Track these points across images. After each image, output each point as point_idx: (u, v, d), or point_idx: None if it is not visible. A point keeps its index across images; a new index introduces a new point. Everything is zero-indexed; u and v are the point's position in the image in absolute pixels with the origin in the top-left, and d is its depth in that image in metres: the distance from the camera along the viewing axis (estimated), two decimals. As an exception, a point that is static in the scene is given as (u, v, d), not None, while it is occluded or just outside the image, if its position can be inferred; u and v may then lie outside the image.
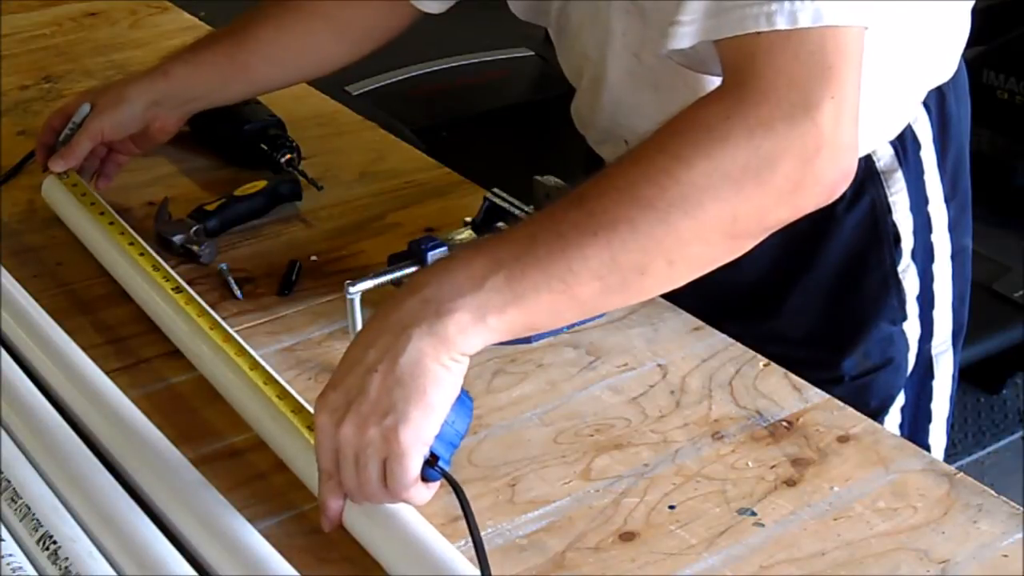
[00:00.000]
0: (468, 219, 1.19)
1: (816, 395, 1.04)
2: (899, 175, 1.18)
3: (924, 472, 0.96)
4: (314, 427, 0.88)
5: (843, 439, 0.99)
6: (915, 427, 1.28)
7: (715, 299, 1.12)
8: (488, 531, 0.91)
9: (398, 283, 1.10)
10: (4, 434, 0.97)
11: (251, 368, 1.01)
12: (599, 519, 0.92)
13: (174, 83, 1.32)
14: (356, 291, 1.07)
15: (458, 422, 0.88)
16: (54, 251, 1.27)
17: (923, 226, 1.21)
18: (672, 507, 0.93)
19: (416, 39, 1.37)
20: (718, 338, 1.12)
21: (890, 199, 1.18)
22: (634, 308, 1.14)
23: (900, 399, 1.25)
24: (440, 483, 0.88)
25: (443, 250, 1.11)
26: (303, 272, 1.23)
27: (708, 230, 0.89)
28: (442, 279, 0.88)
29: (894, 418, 1.26)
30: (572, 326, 1.11)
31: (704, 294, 1.03)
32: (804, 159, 0.88)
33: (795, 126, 0.88)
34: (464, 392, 0.89)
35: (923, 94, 1.19)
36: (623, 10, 1.11)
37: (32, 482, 0.92)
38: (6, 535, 0.87)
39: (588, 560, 0.89)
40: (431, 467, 0.86)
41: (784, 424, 1.01)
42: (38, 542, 0.86)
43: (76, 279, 1.23)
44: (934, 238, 1.22)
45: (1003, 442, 2.54)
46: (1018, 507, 0.92)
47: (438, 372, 0.85)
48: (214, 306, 1.13)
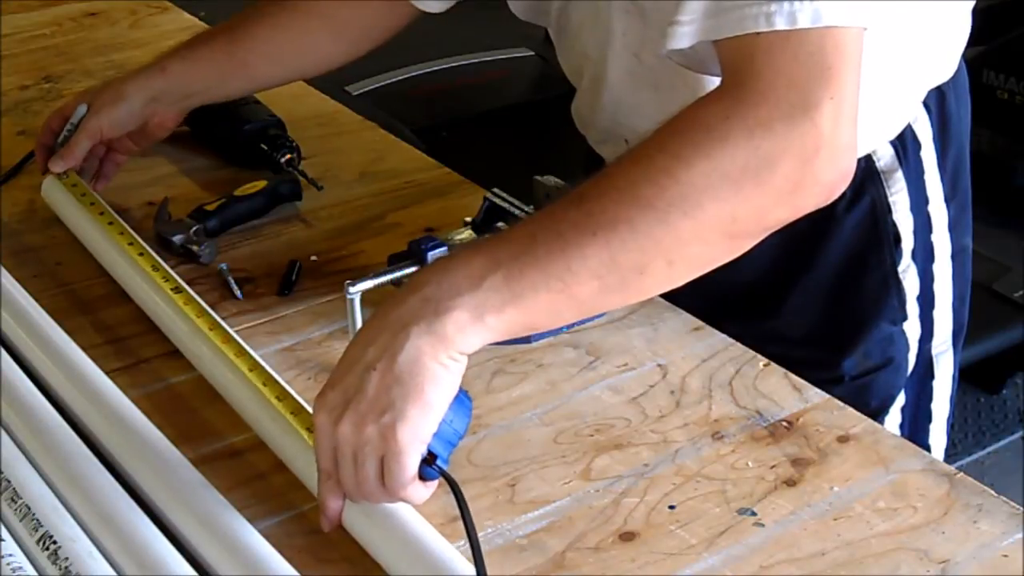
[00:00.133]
0: (468, 219, 1.19)
1: (816, 395, 1.04)
2: (899, 175, 1.18)
3: (924, 472, 0.96)
4: (313, 426, 0.88)
5: (843, 439, 0.99)
6: (915, 427, 1.28)
7: (715, 299, 1.12)
8: (488, 531, 0.91)
9: (398, 283, 1.10)
10: (4, 434, 0.97)
11: (250, 369, 1.01)
12: (599, 519, 0.92)
13: (172, 79, 1.32)
14: (356, 291, 1.07)
15: (456, 421, 0.88)
16: (54, 251, 1.27)
17: (923, 226, 1.21)
18: (672, 507, 0.93)
19: (416, 39, 1.37)
20: (718, 338, 1.11)
21: (890, 199, 1.18)
22: (634, 308, 1.14)
23: (900, 399, 1.25)
24: (439, 482, 0.88)
25: (443, 250, 1.11)
26: (303, 272, 1.23)
27: (707, 230, 0.89)
28: (441, 278, 0.88)
29: (894, 418, 1.26)
30: (572, 326, 1.11)
31: (704, 294, 1.03)
32: (803, 159, 0.88)
33: (794, 126, 0.88)
34: (463, 392, 0.88)
35: (923, 94, 1.18)
36: (623, 10, 1.11)
37: (32, 482, 0.92)
38: (6, 535, 0.87)
39: (588, 560, 0.89)
40: (429, 466, 0.86)
41: (784, 424, 1.01)
42: (38, 542, 0.86)
43: (76, 279, 1.23)
44: (934, 238, 1.22)
45: (1003, 442, 2.54)
46: (1018, 507, 0.92)
47: (436, 371, 0.85)
48: (214, 306, 1.13)
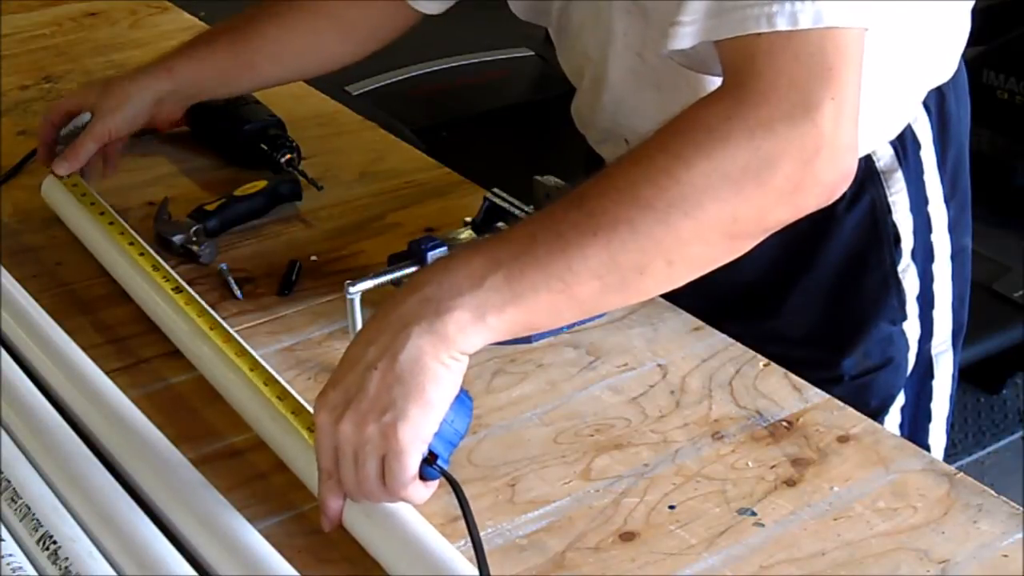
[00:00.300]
0: (468, 219, 1.19)
1: (816, 395, 1.04)
2: (899, 175, 1.18)
3: (924, 472, 0.96)
4: (314, 426, 0.88)
5: (843, 439, 0.99)
6: (915, 427, 1.28)
7: (715, 299, 1.12)
8: (488, 531, 0.91)
9: (398, 283, 1.10)
10: (4, 434, 0.97)
11: (251, 369, 1.01)
12: (599, 519, 0.92)
13: (178, 80, 1.33)
14: (356, 291, 1.07)
15: (457, 421, 0.88)
16: (54, 251, 1.27)
17: (923, 226, 1.21)
18: (672, 507, 0.93)
19: (416, 39, 1.37)
20: (718, 338, 1.11)
21: (890, 199, 1.18)
22: (634, 308, 1.14)
23: (900, 399, 1.25)
24: (439, 482, 0.88)
25: (443, 250, 1.11)
26: (303, 272, 1.22)
27: (708, 230, 0.89)
28: (442, 278, 0.88)
29: (894, 418, 1.26)
30: (572, 326, 1.11)
31: (704, 294, 1.03)
32: (804, 160, 0.88)
33: (795, 127, 0.87)
34: (464, 392, 0.88)
35: (923, 94, 1.18)
36: (625, 10, 1.11)
37: (32, 482, 0.92)
38: (6, 535, 0.87)
39: (588, 560, 0.89)
40: (430, 465, 0.86)
41: (784, 424, 1.01)
42: (38, 542, 0.86)
43: (76, 279, 1.23)
44: (934, 238, 1.22)
45: (1003, 442, 2.54)
46: (1018, 507, 0.92)
47: (437, 370, 0.85)
48: (214, 306, 1.13)
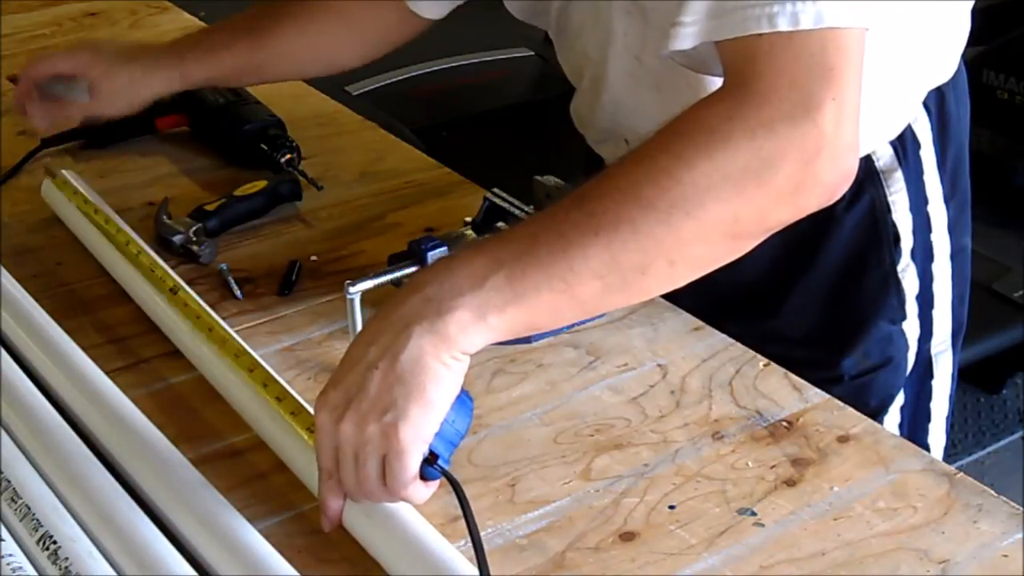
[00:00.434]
0: (468, 219, 1.19)
1: (816, 395, 1.04)
2: (898, 175, 1.18)
3: (924, 472, 0.96)
4: (314, 426, 0.88)
5: (843, 439, 0.99)
6: (914, 427, 1.28)
7: (715, 299, 1.12)
8: (488, 531, 0.91)
9: (398, 283, 1.10)
10: (4, 434, 0.97)
11: (250, 369, 1.01)
12: (599, 519, 0.92)
13: (189, 81, 1.34)
14: (356, 291, 1.07)
15: (458, 421, 0.88)
16: (54, 251, 1.27)
17: (922, 226, 1.21)
18: (672, 507, 0.93)
19: (416, 39, 1.37)
20: (718, 338, 1.11)
21: (889, 199, 1.18)
22: (634, 308, 1.14)
23: (899, 398, 1.25)
24: (439, 482, 0.88)
25: (443, 250, 1.11)
26: (303, 272, 1.22)
27: (709, 231, 0.89)
28: (443, 278, 0.88)
29: (893, 417, 1.26)
30: (572, 326, 1.11)
31: (704, 294, 1.03)
32: (805, 160, 0.88)
33: (796, 127, 0.88)
34: (464, 392, 0.88)
35: (923, 94, 1.18)
36: (624, 11, 1.11)
37: (32, 482, 0.92)
38: (6, 535, 0.87)
39: (588, 560, 0.89)
40: (430, 465, 0.86)
41: (784, 424, 1.01)
42: (38, 542, 0.86)
43: (76, 279, 1.23)
44: (933, 238, 1.22)
45: (1003, 442, 2.54)
46: (1018, 507, 0.92)
47: (438, 370, 0.85)
48: (214, 306, 1.13)
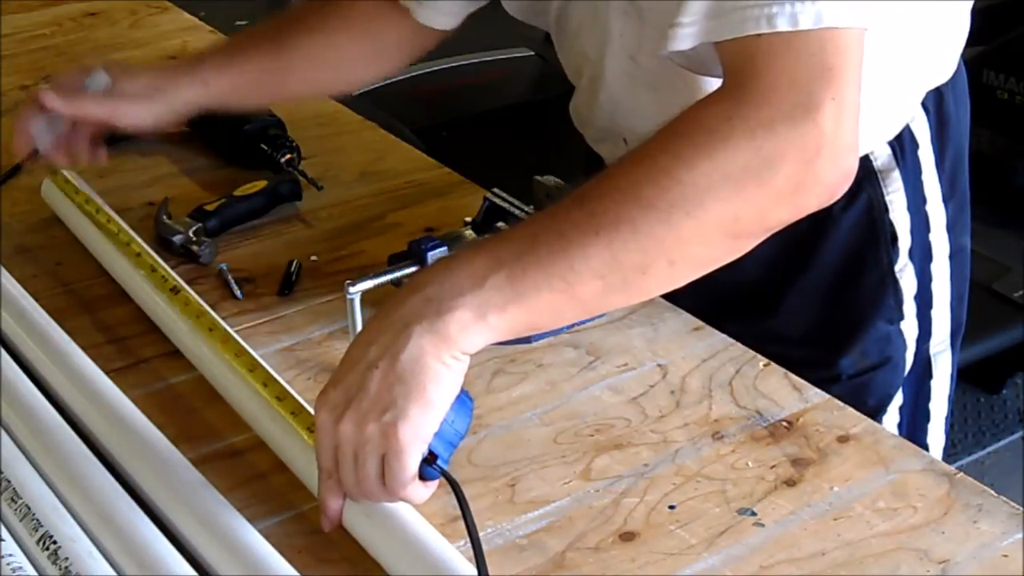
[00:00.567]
0: (468, 219, 1.19)
1: (816, 395, 1.04)
2: (896, 174, 1.18)
3: (924, 472, 0.96)
4: (314, 425, 0.88)
5: (843, 439, 0.99)
6: (914, 426, 1.28)
7: (713, 298, 1.12)
8: (488, 531, 0.91)
9: (398, 283, 1.10)
10: (4, 434, 0.97)
11: (250, 369, 1.01)
12: (599, 519, 0.92)
13: (210, 87, 1.29)
14: (356, 291, 1.07)
15: (458, 422, 0.88)
16: (54, 251, 1.27)
17: (921, 225, 1.21)
18: (672, 507, 0.93)
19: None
20: (718, 338, 1.11)
21: (887, 198, 1.18)
22: (634, 308, 1.14)
23: (899, 398, 1.25)
24: (439, 483, 0.88)
25: (443, 250, 1.11)
26: (303, 272, 1.23)
27: (709, 230, 0.89)
28: (443, 278, 0.88)
29: (892, 417, 1.26)
30: (572, 326, 1.11)
31: (703, 293, 1.03)
32: (805, 160, 0.88)
33: (796, 127, 0.88)
34: (464, 392, 0.88)
35: (922, 94, 1.18)
36: (621, 11, 1.11)
37: (32, 482, 0.92)
38: (6, 535, 0.87)
39: (588, 560, 0.89)
40: (430, 465, 0.86)
41: (784, 424, 1.01)
42: (38, 542, 0.86)
43: (76, 279, 1.23)
44: (932, 237, 1.22)
45: (1003, 442, 2.54)
46: (1018, 507, 0.92)
47: (439, 370, 0.85)
48: (214, 306, 1.13)
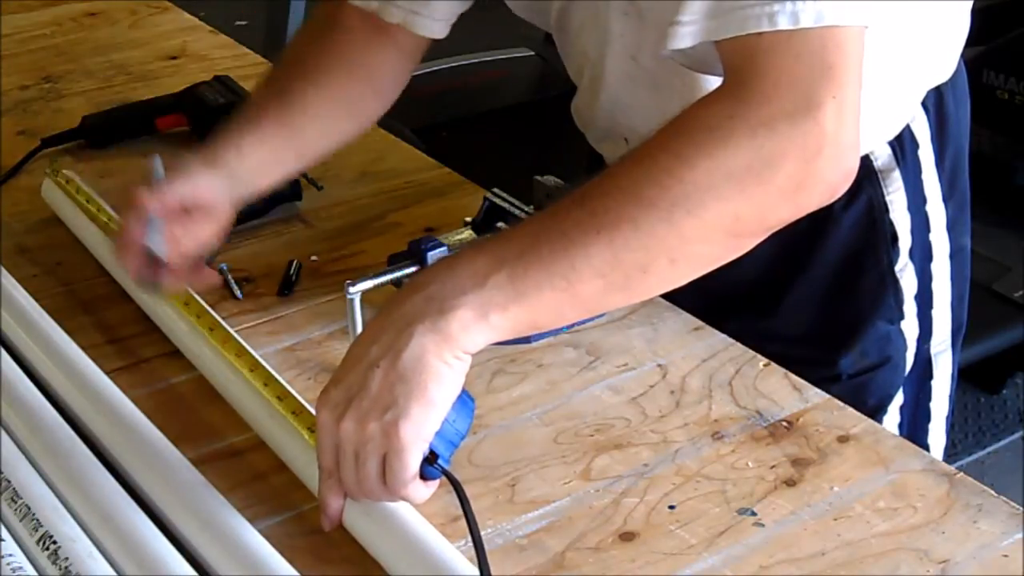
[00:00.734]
0: (468, 219, 1.19)
1: (816, 395, 1.04)
2: (896, 174, 1.18)
3: (924, 472, 0.96)
4: (315, 425, 0.88)
5: (843, 439, 0.99)
6: (914, 426, 1.28)
7: (713, 297, 1.12)
8: (488, 531, 0.91)
9: (398, 283, 1.10)
10: (4, 434, 0.97)
11: (251, 369, 1.01)
12: (599, 519, 0.92)
13: (233, 176, 1.14)
14: (356, 291, 1.07)
15: (459, 421, 0.88)
16: (54, 251, 1.27)
17: (921, 225, 1.21)
18: (672, 507, 0.93)
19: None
20: (718, 338, 1.11)
21: (887, 198, 1.18)
22: (634, 308, 1.14)
23: (899, 398, 1.25)
24: (439, 483, 0.88)
25: (443, 250, 1.11)
26: (303, 272, 1.22)
27: (710, 229, 0.89)
28: (445, 277, 0.88)
29: (893, 417, 1.26)
30: (572, 326, 1.10)
31: (703, 293, 1.03)
32: (806, 159, 0.88)
33: (797, 126, 0.88)
34: (466, 392, 0.88)
35: (922, 94, 1.18)
36: (622, 12, 1.11)
37: (32, 482, 0.92)
38: (6, 535, 0.87)
39: (588, 560, 0.89)
40: (430, 465, 0.86)
41: (784, 424, 1.01)
42: (38, 542, 0.86)
43: (76, 279, 1.23)
44: (932, 237, 1.22)
45: (1003, 442, 2.54)
46: (1018, 507, 0.92)
47: (440, 369, 0.85)
48: (214, 306, 1.13)
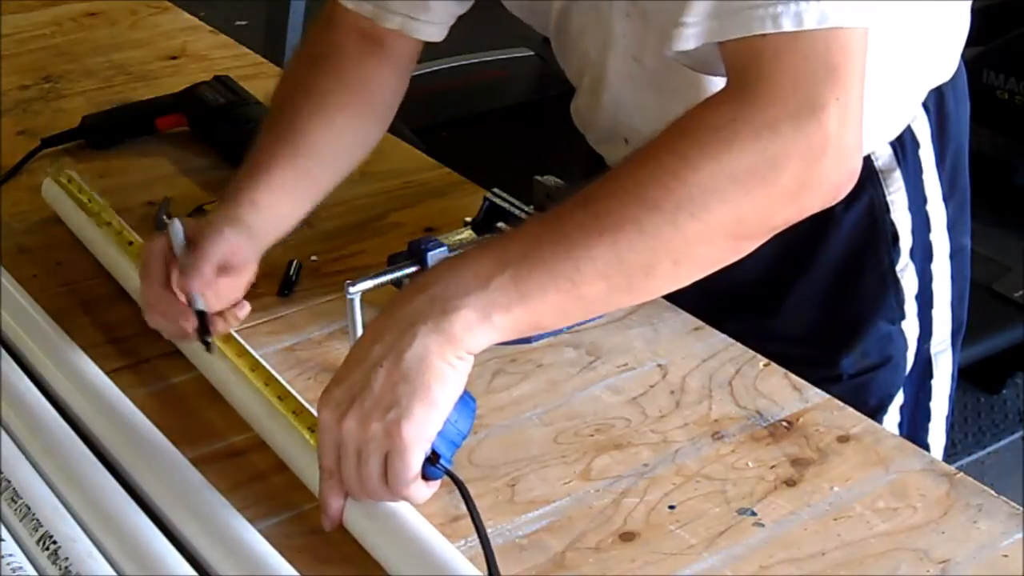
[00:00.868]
0: (468, 219, 1.19)
1: (816, 395, 1.04)
2: (897, 174, 1.18)
3: (924, 472, 0.96)
4: (317, 424, 0.88)
5: (843, 439, 0.99)
6: (914, 426, 1.28)
7: (715, 297, 1.12)
8: (488, 531, 0.90)
9: (398, 283, 1.10)
10: (4, 434, 0.97)
11: (252, 369, 1.01)
12: (599, 519, 0.92)
13: (253, 229, 1.12)
14: (356, 291, 1.07)
15: (461, 421, 0.88)
16: (54, 251, 1.27)
17: (921, 225, 1.21)
18: (672, 507, 0.93)
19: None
20: (718, 338, 1.11)
21: (888, 198, 1.18)
22: (634, 308, 1.14)
23: (899, 398, 1.25)
24: (440, 483, 0.89)
25: (443, 250, 1.11)
26: (303, 272, 1.22)
27: (714, 231, 0.89)
28: (448, 278, 0.88)
29: (893, 417, 1.26)
30: (572, 326, 1.11)
31: (704, 293, 1.03)
32: (809, 160, 0.88)
33: (800, 128, 0.88)
34: (467, 393, 0.89)
35: (923, 94, 1.18)
36: (624, 13, 1.11)
37: (32, 482, 0.92)
38: (6, 535, 0.87)
39: (588, 560, 0.89)
40: (433, 465, 0.86)
41: (784, 424, 1.01)
42: (38, 542, 0.86)
43: (76, 279, 1.22)
44: (932, 237, 1.22)
45: (1003, 442, 2.54)
46: (1018, 507, 0.92)
47: (443, 369, 0.85)
48: (214, 306, 1.13)
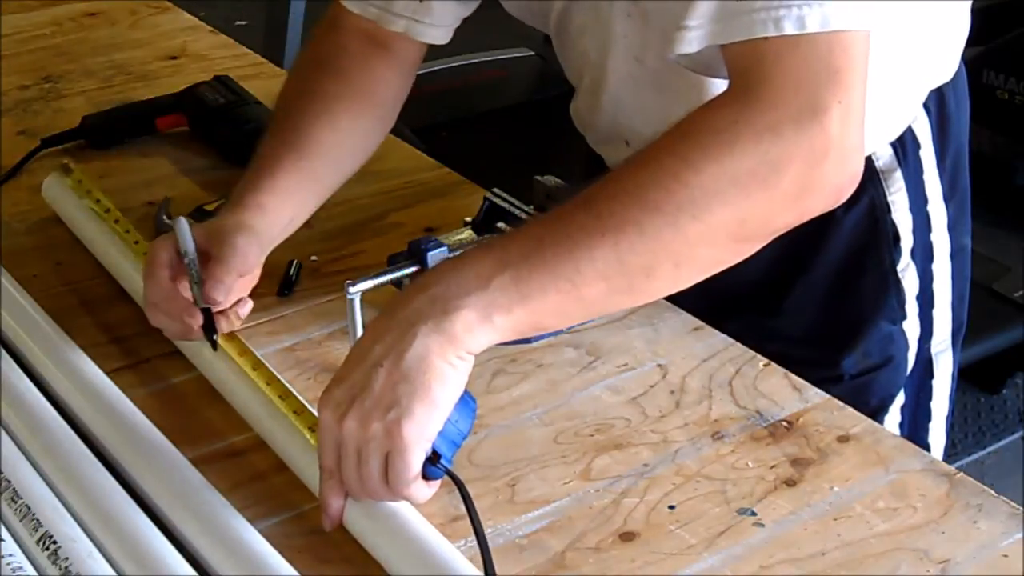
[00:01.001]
0: (468, 219, 1.19)
1: (816, 395, 1.04)
2: (898, 174, 1.18)
3: (924, 472, 0.96)
4: (318, 424, 0.88)
5: (843, 439, 0.99)
6: (915, 426, 1.28)
7: (715, 297, 1.12)
8: (488, 531, 0.90)
9: (398, 283, 1.10)
10: (4, 434, 0.97)
11: (254, 368, 1.01)
12: (599, 519, 0.92)
13: (260, 231, 1.13)
14: (356, 291, 1.07)
15: (461, 421, 0.88)
16: (54, 251, 1.27)
17: (922, 225, 1.21)
18: (672, 507, 0.93)
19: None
20: (718, 338, 1.11)
21: (889, 198, 1.18)
22: (634, 308, 1.14)
23: (900, 398, 1.25)
24: (440, 483, 0.89)
25: (443, 250, 1.11)
26: (303, 272, 1.22)
27: (715, 233, 0.89)
28: (449, 278, 0.88)
29: (894, 417, 1.26)
30: (573, 326, 1.11)
31: (705, 293, 1.03)
32: (811, 163, 0.88)
33: (803, 130, 0.88)
34: (468, 393, 0.89)
35: (923, 95, 1.18)
36: (625, 13, 1.11)
37: (32, 482, 0.92)
38: (6, 535, 0.87)
39: (588, 560, 0.89)
40: (433, 465, 0.87)
41: (784, 424, 1.01)
42: (38, 542, 0.86)
43: (76, 279, 1.22)
44: (933, 237, 1.23)
45: (1003, 442, 2.54)
46: (1018, 507, 0.92)
47: (443, 369, 0.86)
48: (214, 306, 1.13)
